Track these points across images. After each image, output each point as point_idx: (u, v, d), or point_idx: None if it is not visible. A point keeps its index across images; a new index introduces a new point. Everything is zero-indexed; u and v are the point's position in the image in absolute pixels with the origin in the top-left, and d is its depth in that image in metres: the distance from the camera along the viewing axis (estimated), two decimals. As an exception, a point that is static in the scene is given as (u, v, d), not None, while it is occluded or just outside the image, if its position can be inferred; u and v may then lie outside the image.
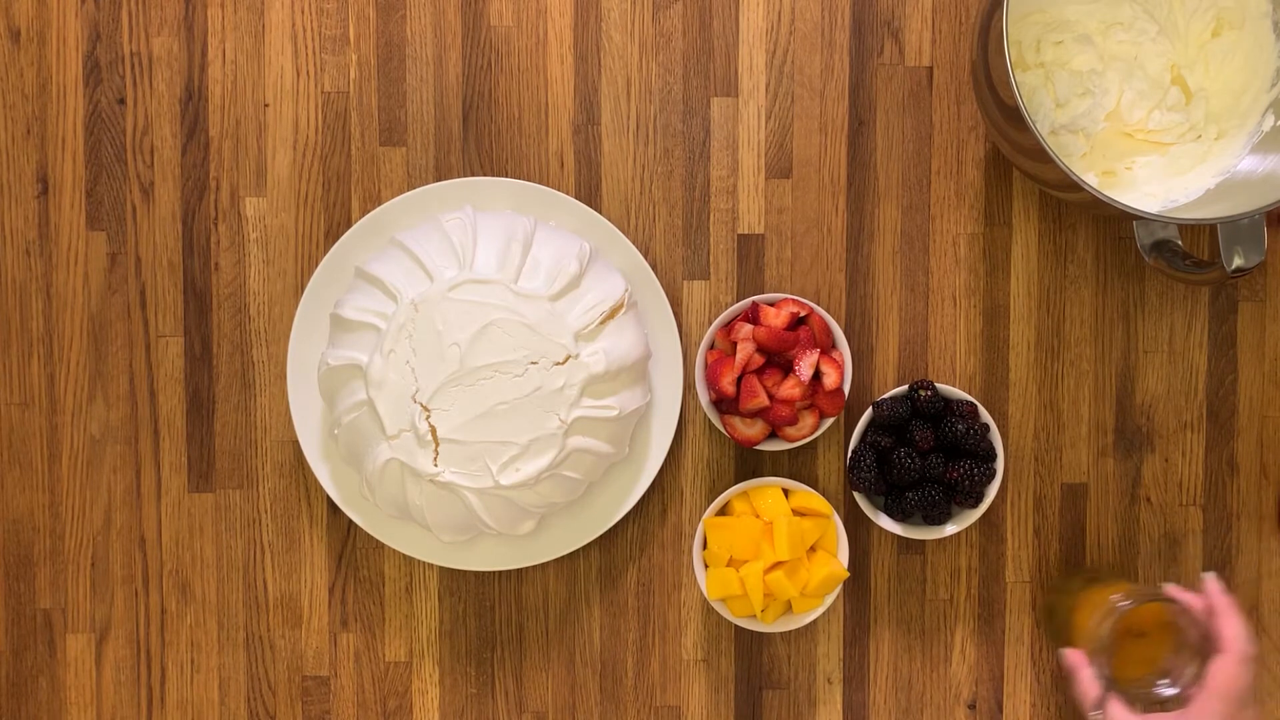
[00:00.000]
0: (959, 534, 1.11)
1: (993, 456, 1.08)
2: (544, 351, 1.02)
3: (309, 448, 1.10)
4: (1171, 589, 0.98)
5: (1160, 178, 1.07)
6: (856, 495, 1.08)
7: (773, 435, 1.08)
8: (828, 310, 1.10)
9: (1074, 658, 0.98)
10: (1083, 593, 1.05)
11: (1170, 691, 0.96)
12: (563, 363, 1.02)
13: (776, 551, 1.05)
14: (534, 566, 1.13)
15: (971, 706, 1.13)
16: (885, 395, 1.09)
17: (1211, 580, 0.98)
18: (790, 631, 1.13)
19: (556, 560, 1.13)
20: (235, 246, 1.12)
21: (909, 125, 1.12)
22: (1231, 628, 0.95)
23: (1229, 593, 0.97)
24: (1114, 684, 0.96)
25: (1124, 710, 0.95)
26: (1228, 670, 0.93)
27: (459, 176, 1.12)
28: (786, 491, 1.08)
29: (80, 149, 1.12)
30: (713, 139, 1.12)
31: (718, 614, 1.12)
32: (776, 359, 1.06)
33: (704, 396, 1.08)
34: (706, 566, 1.08)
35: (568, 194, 1.11)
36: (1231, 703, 0.92)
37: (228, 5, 1.12)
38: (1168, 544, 1.13)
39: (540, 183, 1.11)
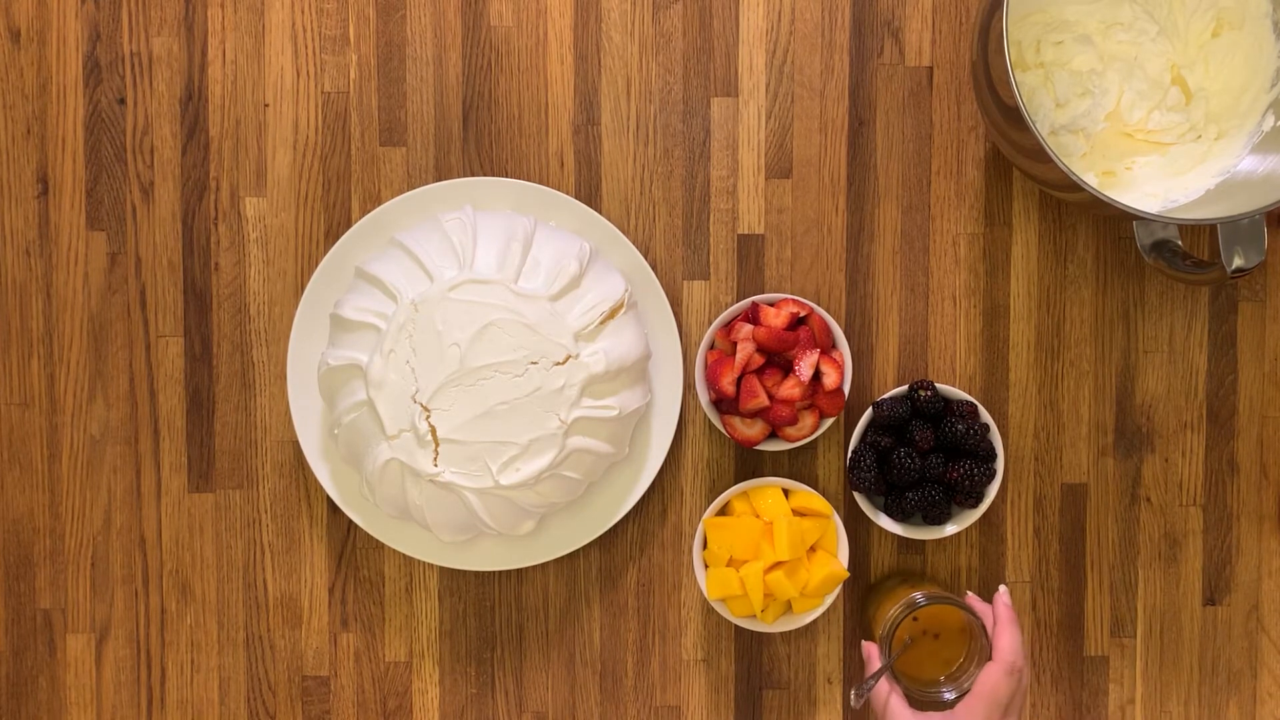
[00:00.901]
0: (959, 534, 1.11)
1: (993, 456, 1.08)
2: (544, 351, 1.02)
3: (309, 448, 1.10)
4: (970, 597, 1.02)
5: (1160, 178, 1.07)
6: (856, 495, 1.08)
7: (773, 435, 1.08)
8: (828, 310, 1.10)
9: (869, 649, 1.02)
10: (893, 591, 1.07)
11: (950, 696, 1.00)
12: (563, 363, 1.02)
13: (776, 551, 1.05)
14: (534, 566, 1.13)
15: (971, 706, 1.13)
16: (885, 395, 1.08)
17: (1001, 592, 1.01)
18: (790, 631, 1.13)
19: (556, 560, 1.13)
20: (235, 246, 1.12)
21: (909, 125, 1.12)
22: (1006, 639, 0.98)
23: (1012, 607, 1.01)
24: (898, 676, 1.01)
25: (901, 705, 0.98)
26: (993, 677, 0.97)
27: (459, 176, 1.12)
28: (786, 491, 1.08)
29: (80, 149, 1.12)
30: (713, 139, 1.12)
31: (718, 614, 1.12)
32: (776, 359, 1.06)
33: (704, 396, 1.08)
34: (706, 566, 1.08)
35: (568, 194, 1.11)
36: (994, 709, 0.96)
37: (228, 5, 1.12)
38: (1168, 544, 1.13)
39: (540, 183, 1.11)
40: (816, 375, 1.06)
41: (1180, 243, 1.04)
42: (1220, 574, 1.13)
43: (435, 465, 1.02)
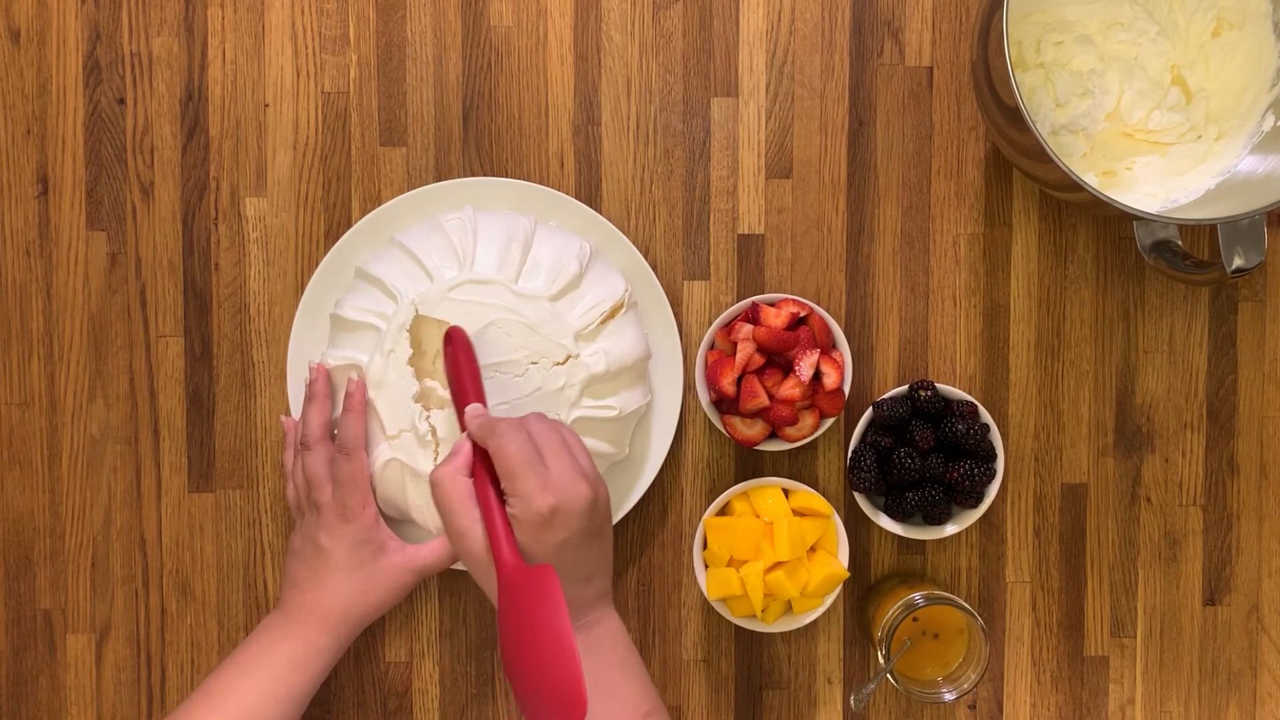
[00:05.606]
0: (959, 534, 1.11)
1: (993, 456, 1.08)
2: (544, 352, 1.02)
3: (309, 448, 1.10)
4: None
5: (1160, 178, 1.07)
6: (856, 495, 1.08)
7: (773, 435, 1.08)
8: (828, 310, 1.10)
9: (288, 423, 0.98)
10: (893, 591, 1.07)
11: (950, 696, 1.01)
12: (563, 363, 1.02)
13: (776, 551, 1.05)
14: (534, 566, 1.13)
15: (972, 707, 1.13)
16: (885, 395, 1.08)
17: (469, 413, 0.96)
18: (790, 631, 1.13)
19: (556, 560, 1.13)
20: (235, 246, 1.12)
21: (909, 125, 1.12)
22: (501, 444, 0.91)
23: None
24: (898, 677, 1.02)
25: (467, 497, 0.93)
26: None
27: (459, 176, 1.12)
28: (786, 491, 1.08)
29: (80, 149, 1.12)
30: (713, 139, 1.12)
31: (718, 614, 1.12)
32: (776, 359, 1.06)
33: (704, 396, 1.08)
34: (706, 566, 1.08)
35: (568, 194, 1.11)
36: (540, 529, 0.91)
37: (228, 5, 1.11)
38: (1168, 544, 1.13)
39: (540, 183, 1.11)
40: (816, 375, 1.06)
41: (1180, 243, 1.04)
42: (1220, 574, 1.13)
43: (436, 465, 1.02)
